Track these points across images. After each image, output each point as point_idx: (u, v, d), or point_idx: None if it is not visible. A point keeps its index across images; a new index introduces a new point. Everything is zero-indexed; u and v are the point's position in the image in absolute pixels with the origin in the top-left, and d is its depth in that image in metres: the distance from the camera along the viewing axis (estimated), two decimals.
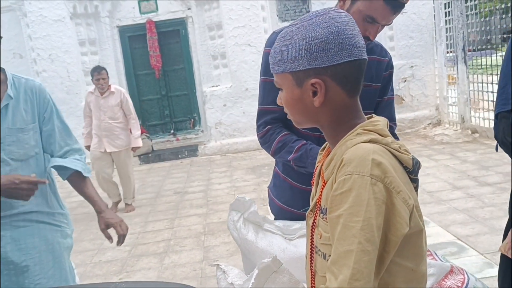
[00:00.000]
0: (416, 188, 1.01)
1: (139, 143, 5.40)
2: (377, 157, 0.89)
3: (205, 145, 7.99)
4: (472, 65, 7.39)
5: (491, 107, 6.40)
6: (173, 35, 8.28)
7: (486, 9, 6.58)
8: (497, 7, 7.02)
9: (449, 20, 7.32)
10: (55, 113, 2.02)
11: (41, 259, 1.96)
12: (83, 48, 7.78)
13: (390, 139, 0.96)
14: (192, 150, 7.98)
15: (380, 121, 1.00)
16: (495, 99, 2.04)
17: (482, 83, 6.77)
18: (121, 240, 2.14)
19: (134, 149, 5.43)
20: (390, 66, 1.81)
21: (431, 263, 1.36)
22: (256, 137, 1.78)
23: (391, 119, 1.82)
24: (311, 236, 1.05)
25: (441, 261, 1.43)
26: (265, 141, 1.72)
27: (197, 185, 6.15)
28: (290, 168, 1.71)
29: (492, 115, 6.30)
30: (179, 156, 7.90)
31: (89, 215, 5.41)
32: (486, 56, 6.66)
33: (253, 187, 5.76)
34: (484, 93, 6.74)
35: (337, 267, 0.88)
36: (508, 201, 2.14)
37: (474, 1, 6.73)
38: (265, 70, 1.67)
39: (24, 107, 1.93)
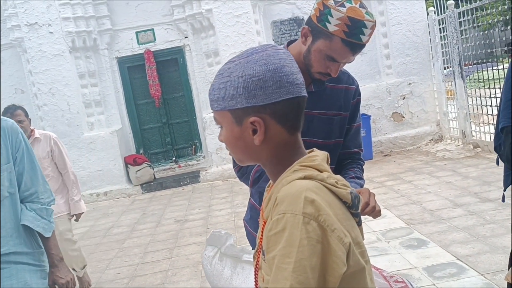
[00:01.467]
0: (358, 223, 0.98)
1: (81, 208, 3.87)
2: (310, 195, 0.87)
3: (206, 171, 7.99)
4: (474, 79, 7.37)
5: (492, 121, 6.35)
6: (171, 63, 8.37)
7: (485, 23, 6.59)
8: (496, 20, 7.03)
9: (444, 36, 7.34)
10: (26, 154, 2.01)
11: None
12: (83, 81, 7.88)
13: (326, 174, 0.94)
14: (194, 177, 7.98)
15: (318, 156, 0.99)
16: (496, 113, 2.07)
17: (480, 97, 6.74)
18: None
19: (76, 216, 3.87)
20: (357, 93, 1.83)
21: None
22: None
23: (359, 145, 1.91)
24: (255, 278, 1.03)
25: None
26: (242, 174, 1.75)
27: (198, 212, 6.12)
28: None
29: (493, 129, 6.25)
30: (181, 183, 7.89)
31: (90, 247, 5.40)
32: (487, 69, 6.63)
33: None
34: (484, 107, 6.71)
35: None
36: (510, 217, 2.12)
37: (468, 16, 6.75)
38: None
39: None
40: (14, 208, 1.97)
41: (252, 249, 1.73)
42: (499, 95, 2.63)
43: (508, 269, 2.06)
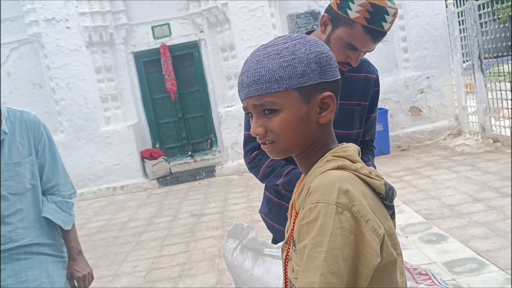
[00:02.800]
0: (392, 216, 0.95)
1: None
2: (344, 185, 0.85)
3: (222, 165, 7.99)
4: (493, 72, 7.24)
5: None
6: (187, 58, 8.38)
7: (505, 15, 6.45)
8: None
9: (463, 29, 7.22)
10: (48, 146, 2.02)
11: None
12: (99, 75, 7.93)
13: (359, 165, 0.92)
14: (209, 171, 7.99)
15: (350, 147, 0.97)
16: None
17: (501, 90, 6.62)
18: (81, 285, 2.10)
19: None
20: (377, 83, 1.82)
21: None
22: None
23: (374, 133, 1.95)
24: (285, 269, 1.01)
25: (440, 284, 1.37)
26: (253, 166, 1.72)
27: (214, 206, 6.13)
28: (281, 193, 1.70)
29: None
30: (197, 178, 7.91)
31: (107, 241, 5.44)
32: (507, 62, 6.51)
33: None
34: (504, 101, 6.58)
35: None
36: None
37: (488, 9, 6.62)
38: None
39: (20, 140, 1.95)
40: (36, 200, 2.00)
41: (278, 241, 1.72)
42: None
43: None
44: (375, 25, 1.49)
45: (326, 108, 0.95)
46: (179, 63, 8.35)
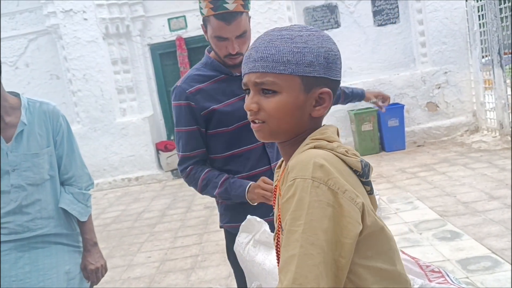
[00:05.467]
0: (370, 192, 0.97)
1: None
2: (319, 160, 0.87)
3: None
4: None
5: None
6: (202, 50, 8.24)
7: None
8: None
9: (483, 23, 7.09)
10: (66, 137, 2.04)
11: (58, 280, 1.98)
12: (115, 67, 7.99)
13: (336, 144, 0.94)
14: None
15: (329, 129, 1.00)
16: None
17: None
18: (94, 281, 2.12)
19: None
20: None
21: (435, 287, 1.29)
22: None
23: None
24: (277, 256, 1.03)
25: (453, 282, 1.35)
26: (190, 181, 1.91)
27: None
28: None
29: None
30: None
31: (122, 231, 5.50)
32: None
33: None
34: None
35: (283, 273, 0.84)
36: None
37: (508, 3, 6.49)
38: (178, 121, 1.87)
39: (39, 131, 1.98)
40: (54, 191, 2.02)
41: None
42: None
43: None
44: (219, 9, 1.66)
45: (321, 103, 0.98)
46: (195, 55, 8.35)
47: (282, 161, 1.16)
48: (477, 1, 7.17)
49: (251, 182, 1.79)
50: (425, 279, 1.37)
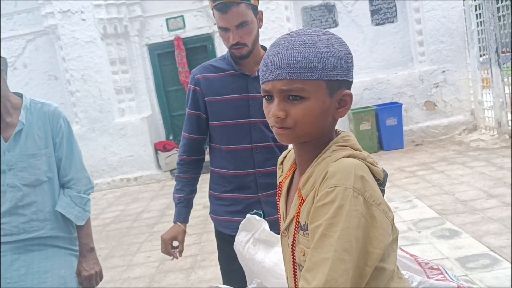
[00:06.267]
0: None
1: None
2: (359, 171, 0.91)
3: None
4: (511, 67, 7.12)
5: None
6: (200, 50, 8.39)
7: None
8: None
9: (481, 22, 7.11)
10: (66, 139, 2.02)
11: (53, 283, 1.97)
12: (114, 67, 7.98)
13: (365, 153, 0.99)
14: None
15: (351, 136, 1.03)
16: None
17: None
18: (87, 285, 2.09)
19: None
20: None
21: (434, 283, 1.29)
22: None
23: None
24: (292, 254, 1.05)
25: (452, 279, 1.36)
26: (177, 165, 2.11)
27: None
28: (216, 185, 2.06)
29: None
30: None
31: (121, 231, 5.50)
32: None
33: None
34: None
35: (312, 274, 0.88)
36: None
37: (506, 2, 6.51)
38: (187, 102, 2.01)
39: (37, 132, 1.96)
40: (52, 193, 2.01)
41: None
42: None
43: None
44: (217, 0, 1.76)
45: (343, 105, 1.01)
46: (193, 55, 8.36)
47: (284, 157, 1.18)
48: (475, 0, 7.19)
49: (177, 222, 2.08)
50: (424, 276, 1.37)
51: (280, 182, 1.15)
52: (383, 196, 1.00)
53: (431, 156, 6.67)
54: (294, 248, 1.03)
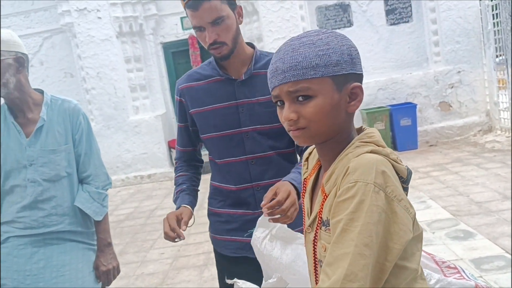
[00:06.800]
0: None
1: None
2: (380, 167, 0.91)
3: None
4: None
5: None
6: None
7: None
8: None
9: (497, 22, 7.04)
10: (85, 136, 2.05)
11: (71, 277, 2.00)
12: (129, 65, 8.05)
13: (389, 150, 0.98)
14: None
15: (375, 132, 1.03)
16: None
17: None
18: (105, 282, 2.11)
19: None
20: None
21: (452, 281, 1.30)
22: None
23: None
24: (313, 250, 1.06)
25: (469, 278, 1.36)
26: (174, 170, 2.00)
27: None
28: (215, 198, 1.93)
29: None
30: None
31: (135, 228, 5.56)
32: None
33: None
34: None
35: (332, 269, 0.89)
36: None
37: None
38: (176, 115, 1.92)
39: (57, 128, 2.00)
40: (71, 189, 2.04)
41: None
42: None
43: None
44: None
45: (354, 98, 1.01)
46: (207, 54, 8.29)
47: (310, 154, 1.19)
48: (491, 0, 7.12)
49: (181, 205, 1.77)
50: (441, 274, 1.38)
51: (305, 178, 1.16)
52: (407, 195, 0.99)
53: (446, 157, 6.63)
54: (315, 244, 1.04)
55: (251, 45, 1.81)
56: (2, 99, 1.99)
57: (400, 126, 7.20)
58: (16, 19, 8.29)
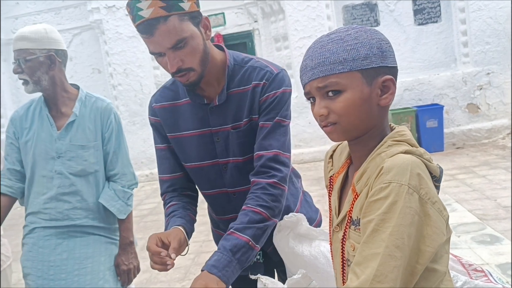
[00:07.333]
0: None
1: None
2: (416, 169, 0.90)
3: None
4: None
5: None
6: (240, 47, 8.44)
7: None
8: None
9: None
10: (115, 135, 2.08)
11: (93, 270, 2.04)
12: (155, 62, 8.13)
13: (422, 150, 0.97)
14: None
15: (406, 131, 1.01)
16: None
17: None
18: (125, 280, 2.12)
19: None
20: (269, 89, 1.46)
21: (479, 284, 1.28)
22: (322, 148, 1.76)
23: (276, 148, 1.46)
24: (341, 249, 1.05)
25: (496, 282, 1.34)
26: (163, 205, 1.63)
27: None
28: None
29: None
30: None
31: (158, 223, 5.62)
32: None
33: (317, 198, 5.70)
34: None
35: (361, 268, 0.88)
36: None
37: None
38: (154, 137, 1.63)
39: (88, 125, 2.04)
40: (97, 185, 2.08)
41: None
42: None
43: None
44: (137, 20, 1.30)
45: (386, 91, 0.99)
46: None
47: (334, 151, 1.18)
48: None
49: (172, 227, 1.46)
50: (468, 277, 1.36)
51: (331, 176, 1.15)
52: (438, 193, 0.98)
53: (473, 160, 6.50)
54: (344, 243, 1.03)
55: (221, 48, 1.52)
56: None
57: (426, 127, 7.09)
58: (48, 16, 8.48)
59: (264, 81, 1.46)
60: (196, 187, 1.67)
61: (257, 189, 1.42)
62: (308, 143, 7.76)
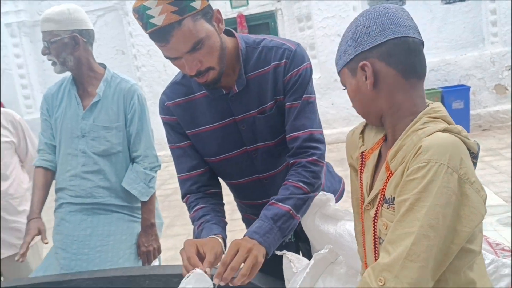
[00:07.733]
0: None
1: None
2: (456, 148, 0.89)
3: None
4: None
5: None
6: (263, 28, 8.38)
7: None
8: None
9: None
10: (138, 116, 2.09)
11: (114, 247, 2.07)
12: None
13: (460, 127, 0.96)
14: None
15: (441, 107, 1.01)
16: None
17: None
18: (145, 260, 2.14)
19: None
20: (291, 67, 1.44)
21: (506, 263, 1.27)
22: (344, 129, 1.77)
23: (308, 127, 1.45)
24: (373, 227, 1.05)
25: None
26: (188, 209, 1.61)
27: None
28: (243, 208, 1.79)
29: None
30: None
31: (182, 202, 5.70)
32: None
33: None
34: None
35: (393, 246, 0.89)
36: None
37: None
38: (167, 137, 1.58)
39: (111, 106, 2.06)
40: (120, 166, 2.11)
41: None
42: None
43: None
44: (149, 28, 1.24)
45: (366, 75, 1.01)
46: (255, 33, 8.27)
47: (364, 127, 1.18)
48: None
49: (209, 235, 1.42)
50: (495, 255, 1.35)
51: (362, 152, 1.15)
52: (475, 168, 0.98)
53: (499, 142, 6.38)
54: (376, 221, 1.04)
55: (230, 33, 1.48)
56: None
57: (452, 109, 6.96)
58: None
59: (284, 59, 1.43)
60: (220, 180, 1.64)
61: (297, 167, 1.44)
62: (331, 124, 7.71)
